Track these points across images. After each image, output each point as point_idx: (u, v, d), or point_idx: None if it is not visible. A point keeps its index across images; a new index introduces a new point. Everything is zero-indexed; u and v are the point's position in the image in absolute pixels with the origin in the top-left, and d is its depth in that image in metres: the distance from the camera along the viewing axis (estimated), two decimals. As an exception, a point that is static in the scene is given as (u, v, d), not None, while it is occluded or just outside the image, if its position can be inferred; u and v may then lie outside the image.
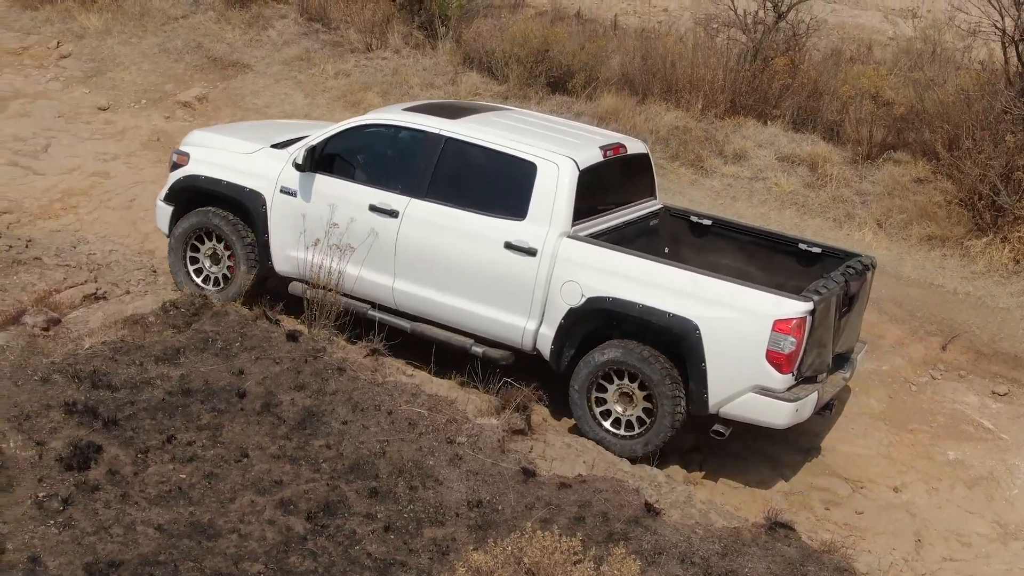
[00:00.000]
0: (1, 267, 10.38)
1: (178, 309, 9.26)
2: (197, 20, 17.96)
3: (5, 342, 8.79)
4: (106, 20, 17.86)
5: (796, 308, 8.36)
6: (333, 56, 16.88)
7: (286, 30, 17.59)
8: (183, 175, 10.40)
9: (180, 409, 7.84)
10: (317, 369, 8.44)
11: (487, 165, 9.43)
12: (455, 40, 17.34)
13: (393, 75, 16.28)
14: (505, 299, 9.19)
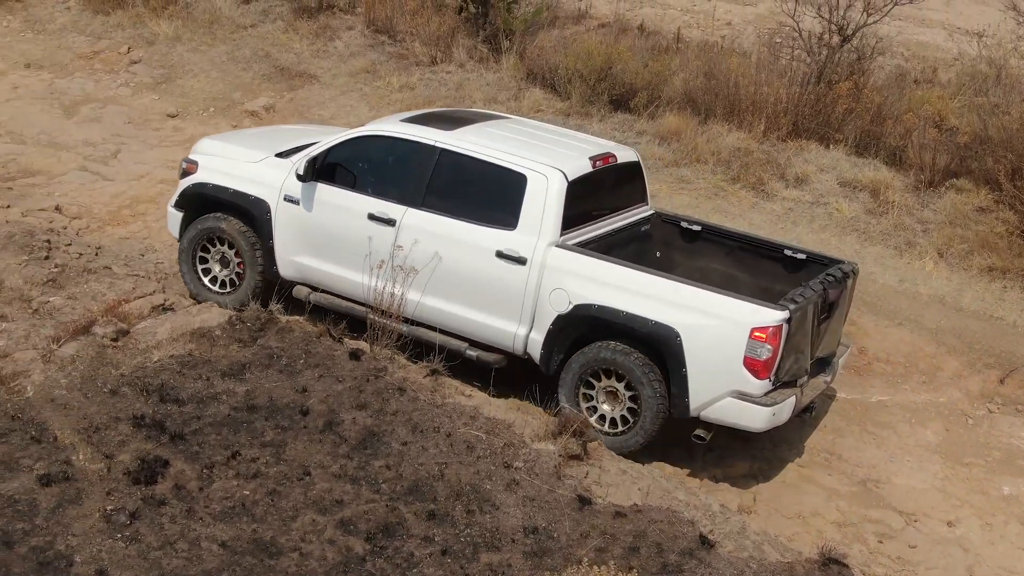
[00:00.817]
0: (72, 275, 10.61)
1: (244, 323, 9.47)
2: (265, 30, 18.21)
3: (76, 352, 9.02)
4: (176, 27, 18.15)
5: (772, 316, 8.67)
6: (398, 69, 17.05)
7: (352, 42, 17.80)
8: (192, 182, 10.81)
9: (245, 425, 8.02)
10: (378, 388, 8.59)
11: (479, 176, 9.75)
12: (519, 55, 17.45)
13: (457, 89, 16.42)
14: (497, 305, 9.55)
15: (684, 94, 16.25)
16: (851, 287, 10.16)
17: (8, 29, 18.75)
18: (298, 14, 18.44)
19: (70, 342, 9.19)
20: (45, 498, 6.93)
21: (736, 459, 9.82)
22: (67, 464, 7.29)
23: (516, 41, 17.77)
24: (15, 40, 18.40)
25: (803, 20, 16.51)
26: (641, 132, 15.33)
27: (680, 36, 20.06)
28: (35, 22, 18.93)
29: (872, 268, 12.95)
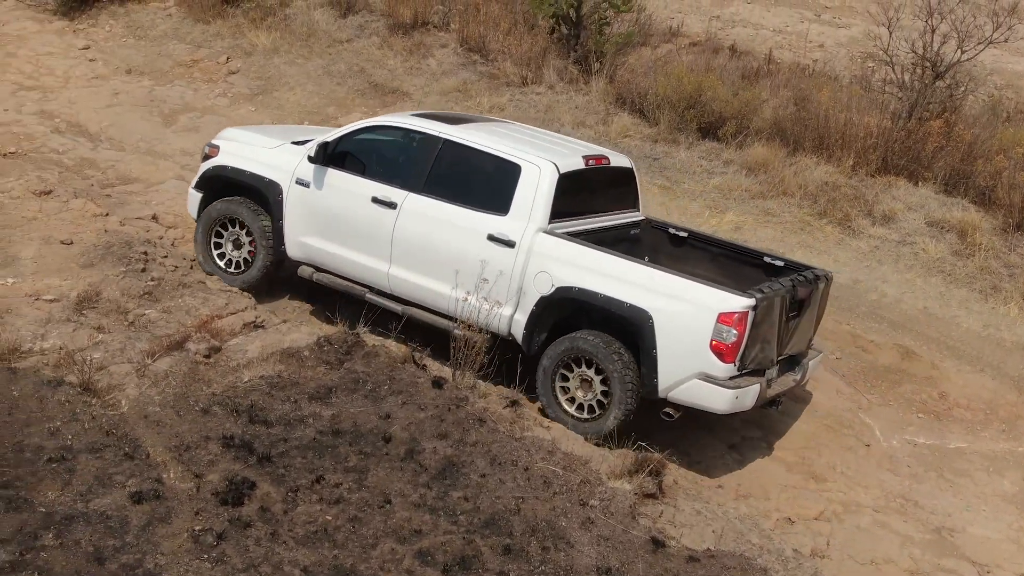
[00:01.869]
0: (168, 289, 10.91)
1: (332, 345, 9.69)
2: (361, 45, 18.50)
3: (169, 367, 9.32)
4: (274, 39, 18.52)
5: (739, 303, 9.23)
6: (489, 88, 17.25)
7: (445, 60, 18.02)
8: (212, 165, 11.65)
9: (329, 449, 8.23)
10: (459, 418, 8.76)
11: (478, 165, 10.48)
12: (609, 77, 17.56)
13: (546, 112, 16.57)
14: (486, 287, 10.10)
15: (773, 124, 16.25)
16: (823, 292, 10.68)
17: (111, 34, 19.27)
18: (393, 30, 18.69)
19: (164, 357, 9.50)
20: (136, 515, 7.17)
21: (810, 500, 9.87)
22: (158, 482, 7.55)
23: (607, 63, 17.87)
24: (117, 45, 18.92)
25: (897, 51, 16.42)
26: (728, 162, 15.37)
27: (772, 58, 20.04)
28: (137, 28, 19.43)
29: (956, 312, 12.89)
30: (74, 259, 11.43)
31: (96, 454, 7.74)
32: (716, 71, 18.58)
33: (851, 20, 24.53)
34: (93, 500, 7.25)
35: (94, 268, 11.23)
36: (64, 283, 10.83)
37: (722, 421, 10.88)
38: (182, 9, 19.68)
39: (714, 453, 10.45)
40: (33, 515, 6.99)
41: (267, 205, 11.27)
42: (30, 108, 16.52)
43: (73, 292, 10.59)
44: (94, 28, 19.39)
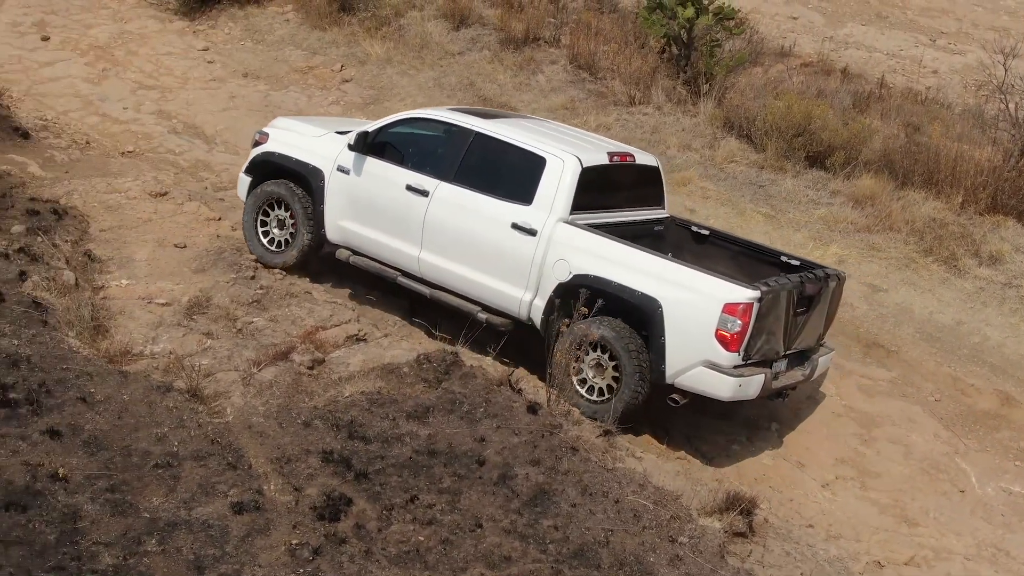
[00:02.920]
0: (275, 298, 11.21)
1: (431, 363, 9.86)
2: (472, 58, 18.68)
3: (274, 377, 9.59)
4: (388, 49, 18.80)
5: (744, 294, 9.64)
6: (596, 107, 17.31)
7: (554, 76, 18.12)
8: (261, 151, 12.28)
9: (425, 470, 8.39)
10: (552, 445, 8.86)
11: (506, 157, 10.99)
12: (718, 100, 17.52)
13: (652, 133, 16.59)
14: (508, 272, 10.72)
15: (883, 155, 16.06)
16: (835, 291, 11.01)
17: (229, 37, 19.73)
18: (504, 45, 18.84)
19: (269, 367, 9.78)
20: (236, 526, 7.40)
21: (901, 545, 9.82)
22: (259, 493, 7.77)
23: (716, 84, 17.83)
24: (235, 48, 19.36)
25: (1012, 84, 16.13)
26: (835, 192, 15.25)
27: (884, 82, 19.82)
28: (255, 32, 19.86)
29: (1060, 361, 12.67)
30: (187, 263, 11.79)
31: (200, 462, 7.99)
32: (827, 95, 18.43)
33: (966, 47, 24.13)
34: (196, 508, 7.49)
35: (206, 273, 11.58)
36: (176, 287, 11.18)
37: (816, 459, 10.86)
38: (300, 15, 20.04)
39: (806, 491, 10.42)
40: (138, 520, 7.25)
41: (310, 190, 11.86)
42: (149, 107, 17.01)
43: (184, 297, 10.95)
44: (213, 30, 19.86)
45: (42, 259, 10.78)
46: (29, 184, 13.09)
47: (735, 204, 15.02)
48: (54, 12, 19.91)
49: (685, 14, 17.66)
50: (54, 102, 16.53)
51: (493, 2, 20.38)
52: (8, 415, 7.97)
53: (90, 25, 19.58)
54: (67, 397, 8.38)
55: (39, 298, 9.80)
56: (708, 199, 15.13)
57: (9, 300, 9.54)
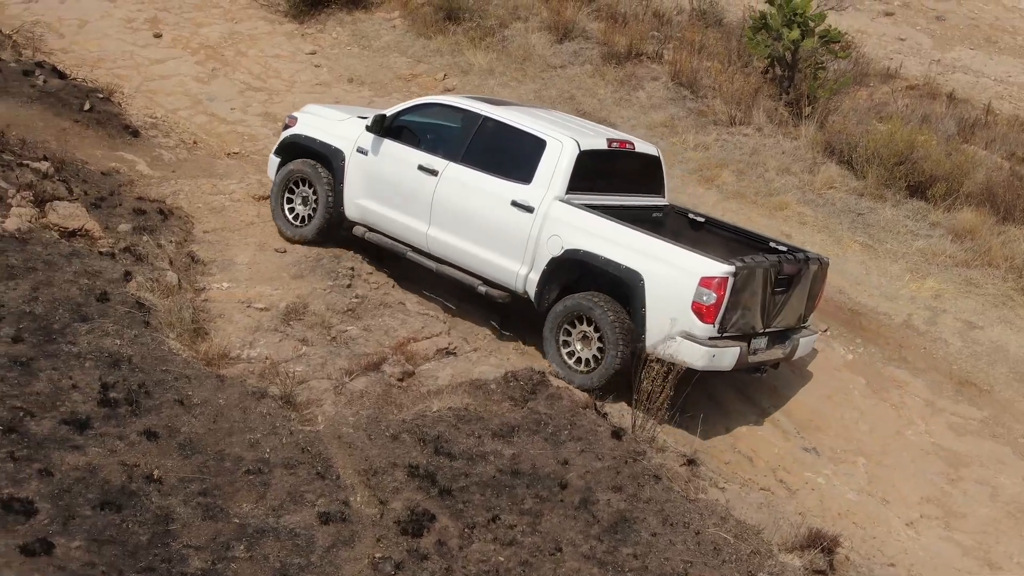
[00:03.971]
0: (369, 307, 11.42)
1: (518, 381, 9.98)
2: (573, 72, 18.73)
3: (365, 387, 9.78)
4: (491, 59, 18.92)
5: (719, 269, 10.30)
6: (696, 126, 17.25)
7: (655, 93, 18.08)
8: (290, 133, 13.11)
9: (507, 489, 8.51)
10: (635, 472, 8.93)
11: (510, 140, 11.67)
12: (819, 123, 17.36)
13: (751, 155, 16.49)
14: (507, 247, 11.38)
15: (985, 187, 15.78)
16: (817, 274, 11.60)
17: (337, 42, 20.03)
18: (607, 59, 18.83)
19: (361, 377, 9.97)
20: (322, 536, 7.58)
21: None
22: (345, 504, 7.96)
23: (819, 108, 17.66)
24: (342, 53, 19.66)
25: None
26: (935, 224, 15.03)
27: (990, 109, 19.48)
28: (362, 37, 20.13)
29: None
30: (286, 268, 12.05)
31: (290, 470, 8.20)
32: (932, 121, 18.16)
33: (1080, 75, 23.59)
34: (284, 516, 7.70)
35: (303, 280, 11.82)
36: (275, 292, 11.44)
37: (901, 497, 10.77)
38: (406, 22, 20.26)
39: (889, 529, 10.35)
40: (228, 525, 7.47)
41: (331, 169, 12.63)
42: (255, 109, 17.35)
43: (282, 303, 11.19)
44: (321, 34, 20.18)
45: (146, 259, 11.10)
46: (137, 182, 13.47)
47: (832, 232, 14.89)
48: (167, 9, 20.38)
49: (790, 36, 17.54)
50: (164, 100, 16.94)
51: (597, 16, 20.42)
52: (108, 414, 8.24)
53: (201, 24, 20.01)
54: (165, 399, 8.64)
55: (142, 299, 10.09)
56: (805, 225, 15.02)
57: (114, 300, 9.84)
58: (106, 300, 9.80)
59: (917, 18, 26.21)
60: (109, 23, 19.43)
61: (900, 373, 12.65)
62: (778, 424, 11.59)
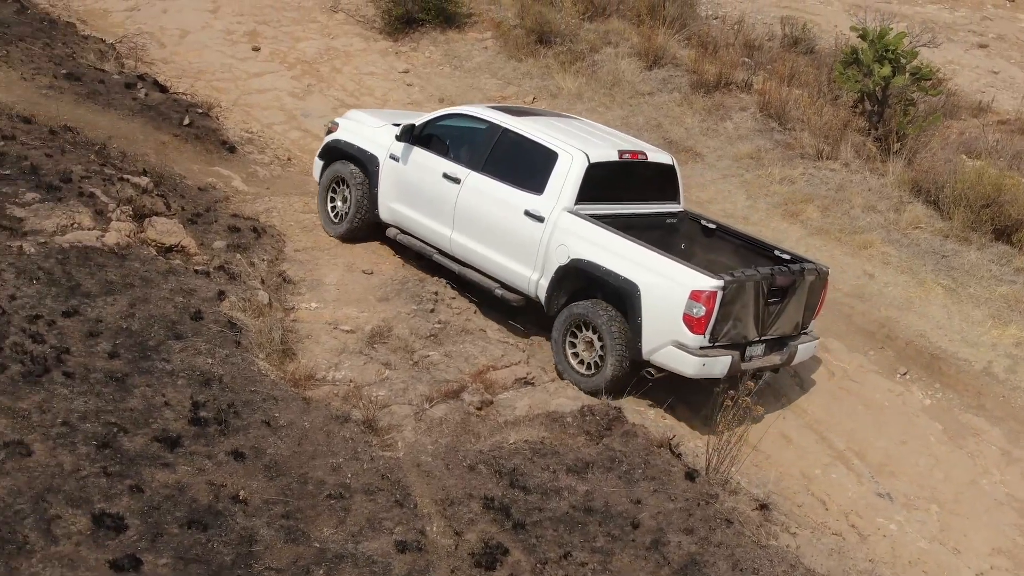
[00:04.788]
0: (451, 333, 11.64)
1: (594, 416, 10.15)
2: (661, 99, 18.82)
3: (444, 415, 10.01)
4: (580, 84, 19.11)
5: (708, 283, 10.73)
6: (782, 159, 17.25)
7: (742, 124, 18.12)
8: (332, 138, 13.88)
9: (580, 526, 8.67)
10: (707, 515, 9.04)
11: (525, 151, 12.18)
12: (907, 160, 17.27)
13: (837, 191, 16.46)
14: (520, 254, 11.96)
15: (1074, 233, 15.61)
16: (815, 284, 11.92)
17: (429, 61, 20.34)
18: (695, 88, 18.91)
19: (440, 404, 10.21)
20: (398, 564, 7.80)
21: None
22: (421, 534, 8.18)
23: (907, 145, 17.58)
24: (434, 73, 19.97)
25: None
26: (1020, 270, 14.89)
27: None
28: (454, 57, 20.42)
29: None
30: (372, 291, 12.34)
31: (370, 496, 8.44)
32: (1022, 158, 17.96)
33: None
34: (362, 542, 7.94)
35: (389, 303, 12.09)
36: (361, 315, 11.72)
37: (972, 547, 10.74)
38: (498, 43, 20.50)
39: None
40: (308, 548, 7.73)
41: (367, 173, 13.34)
42: (348, 126, 17.68)
43: (368, 325, 11.47)
44: (415, 52, 20.50)
45: (239, 278, 11.44)
46: (232, 198, 13.86)
47: (915, 273, 14.83)
48: (266, 22, 20.85)
49: (881, 72, 17.48)
50: (260, 114, 17.36)
51: (688, 43, 20.51)
52: (198, 433, 8.57)
53: (299, 38, 20.45)
54: (253, 420, 8.95)
55: (234, 318, 10.43)
56: (888, 265, 14.98)
57: (207, 319, 10.19)
58: (200, 319, 10.14)
59: (1011, 51, 25.96)
60: (209, 34, 19.94)
61: (978, 421, 12.59)
62: (852, 467, 11.61)
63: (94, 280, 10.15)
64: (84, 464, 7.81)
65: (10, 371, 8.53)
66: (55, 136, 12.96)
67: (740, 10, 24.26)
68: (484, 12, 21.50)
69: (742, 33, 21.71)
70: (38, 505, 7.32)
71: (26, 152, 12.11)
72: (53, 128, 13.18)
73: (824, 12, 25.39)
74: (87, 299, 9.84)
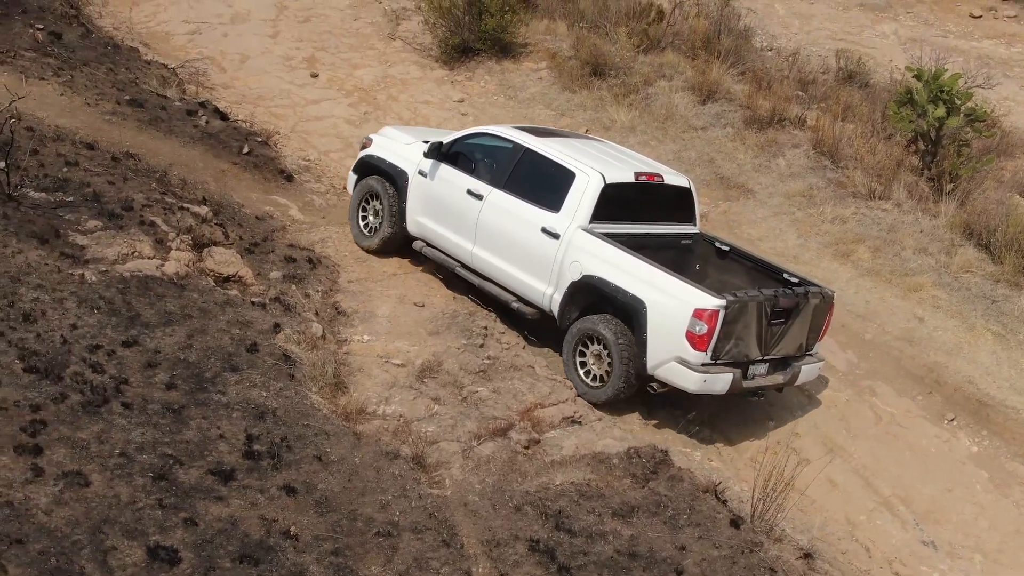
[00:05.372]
0: (500, 369, 11.78)
1: (640, 458, 10.24)
2: (714, 134, 18.87)
3: (492, 453, 10.14)
4: (633, 117, 19.18)
5: (711, 302, 11.17)
6: (834, 198, 17.23)
7: (795, 161, 18.12)
8: (365, 153, 14.43)
9: (624, 571, 8.76)
10: (751, 563, 9.10)
11: (545, 170, 12.67)
12: (960, 202, 17.22)
13: (888, 232, 16.43)
14: (536, 269, 12.43)
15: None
16: (819, 307, 12.30)
17: (484, 90, 20.52)
18: (748, 123, 18.92)
19: (488, 442, 10.34)
20: (445, 605, 7.95)
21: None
22: (467, 575, 8.30)
23: (960, 186, 17.52)
24: (488, 103, 20.13)
25: None
26: (1059, 315, 14.84)
27: None
28: (508, 87, 20.58)
29: None
30: (423, 324, 12.50)
31: (418, 535, 8.58)
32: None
33: None
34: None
35: (439, 337, 12.25)
36: (412, 348, 11.89)
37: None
38: (553, 74, 20.62)
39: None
40: (357, 586, 7.88)
41: (396, 187, 13.89)
42: (402, 154, 17.88)
43: (418, 360, 11.64)
44: (470, 82, 20.69)
45: (294, 309, 11.65)
46: (289, 227, 14.09)
47: (965, 318, 14.80)
48: (325, 48, 21.11)
49: (936, 113, 17.45)
50: (317, 141, 17.60)
51: (742, 77, 20.54)
52: (251, 467, 8.75)
53: (356, 65, 20.69)
54: (305, 454, 9.12)
55: (289, 351, 10.62)
56: (938, 309, 14.95)
57: (262, 351, 10.39)
58: (255, 351, 10.35)
59: (1070, 88, 25.76)
60: (269, 60, 20.22)
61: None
62: (897, 514, 11.61)
63: (153, 310, 10.38)
64: (140, 496, 8.00)
65: (70, 400, 8.75)
66: (117, 163, 13.25)
67: (796, 42, 24.27)
68: (540, 42, 21.63)
69: (796, 66, 21.73)
70: (95, 536, 7.52)
71: (89, 179, 12.40)
72: (116, 155, 13.47)
73: (880, 46, 25.32)
74: (146, 329, 10.07)
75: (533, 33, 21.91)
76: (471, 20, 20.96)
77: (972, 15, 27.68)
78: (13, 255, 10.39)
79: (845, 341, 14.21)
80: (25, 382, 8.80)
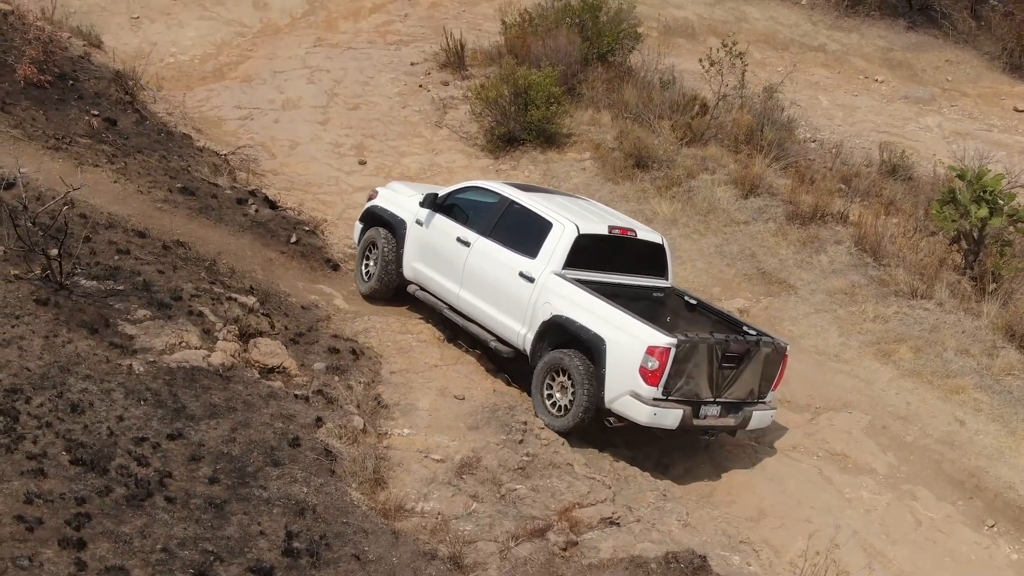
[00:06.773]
0: (539, 467, 11.82)
1: (678, 563, 10.28)
2: (756, 229, 18.90)
3: (529, 554, 10.18)
4: (675, 210, 19.28)
5: (663, 340, 12.10)
6: (876, 296, 17.21)
7: (837, 258, 18.13)
8: (371, 204, 15.72)
9: None
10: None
11: (526, 221, 13.81)
12: (1003, 302, 17.16)
13: (930, 332, 16.37)
14: (513, 310, 13.47)
15: None
16: (771, 357, 13.12)
17: (528, 180, 20.72)
18: (791, 218, 18.95)
19: (525, 543, 10.38)
20: None
21: None
22: None
23: (1003, 286, 17.46)
24: (532, 192, 20.33)
25: None
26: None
27: None
28: (552, 177, 20.72)
29: None
30: (463, 417, 12.59)
31: (454, 639, 8.61)
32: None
33: None
34: None
35: (479, 431, 12.34)
36: (451, 443, 11.98)
37: None
38: (596, 164, 20.74)
39: None
40: None
41: (396, 235, 15.00)
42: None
43: (458, 455, 11.73)
44: (514, 171, 20.90)
45: (337, 402, 11.79)
46: (333, 317, 14.28)
47: (1007, 422, 14.71)
48: (373, 136, 21.48)
49: (978, 213, 17.47)
50: (363, 229, 17.83)
51: (785, 172, 20.63)
52: (290, 565, 8.84)
53: (404, 153, 21.02)
54: (343, 552, 9.20)
55: (330, 445, 10.75)
56: (980, 412, 14.87)
57: (304, 446, 10.52)
58: (297, 445, 10.48)
59: (1115, 186, 25.68)
60: (318, 146, 20.62)
61: (1066, 580, 12.40)
62: (937, 623, 11.51)
63: (199, 403, 10.55)
64: (181, 593, 8.10)
65: (114, 494, 8.90)
66: (167, 251, 13.51)
67: (839, 134, 24.36)
68: (584, 133, 21.85)
69: (839, 159, 21.81)
70: (136, 633, 7.61)
71: (140, 267, 12.66)
72: (166, 243, 13.74)
73: (923, 138, 25.39)
74: (191, 422, 10.23)
75: (577, 123, 22.15)
76: (517, 111, 21.23)
77: (1016, 109, 27.71)
78: (63, 345, 10.62)
79: (886, 443, 14.15)
80: (71, 474, 8.97)
